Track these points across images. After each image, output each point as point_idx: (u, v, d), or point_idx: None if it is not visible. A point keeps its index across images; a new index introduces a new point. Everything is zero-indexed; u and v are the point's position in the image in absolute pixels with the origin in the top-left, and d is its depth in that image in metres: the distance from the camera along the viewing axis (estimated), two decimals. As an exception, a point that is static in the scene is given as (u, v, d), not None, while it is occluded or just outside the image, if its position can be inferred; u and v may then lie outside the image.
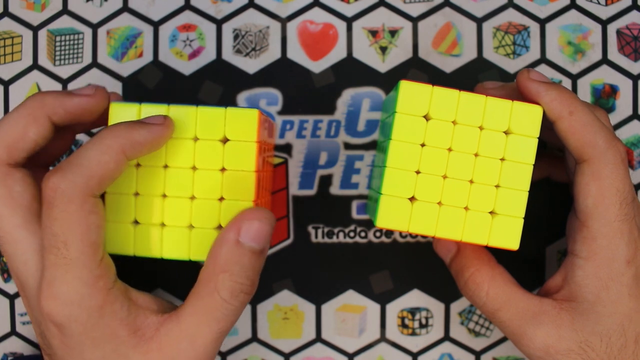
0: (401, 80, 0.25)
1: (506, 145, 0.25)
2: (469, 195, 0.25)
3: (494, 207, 0.25)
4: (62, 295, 0.23)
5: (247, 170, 0.26)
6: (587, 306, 0.26)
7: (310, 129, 0.34)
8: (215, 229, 0.26)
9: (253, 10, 0.34)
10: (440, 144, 0.25)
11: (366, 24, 0.34)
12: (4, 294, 0.34)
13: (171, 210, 0.26)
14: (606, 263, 0.26)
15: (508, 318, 0.27)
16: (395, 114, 0.25)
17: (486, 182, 0.25)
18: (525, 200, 0.25)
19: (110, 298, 0.24)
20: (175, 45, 0.34)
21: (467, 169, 0.25)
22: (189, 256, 0.26)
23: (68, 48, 0.34)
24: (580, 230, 0.26)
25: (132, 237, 0.26)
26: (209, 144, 0.26)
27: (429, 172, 0.25)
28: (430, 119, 0.25)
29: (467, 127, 0.25)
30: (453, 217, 0.25)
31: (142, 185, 0.26)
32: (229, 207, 0.26)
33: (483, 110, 0.25)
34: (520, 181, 0.25)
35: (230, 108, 0.26)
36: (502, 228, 0.25)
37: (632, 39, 0.34)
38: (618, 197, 0.26)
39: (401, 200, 0.25)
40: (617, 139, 0.26)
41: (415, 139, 0.25)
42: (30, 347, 0.34)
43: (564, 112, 0.26)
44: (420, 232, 0.25)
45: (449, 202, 0.25)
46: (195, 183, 0.26)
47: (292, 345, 0.34)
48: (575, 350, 0.26)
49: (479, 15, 0.34)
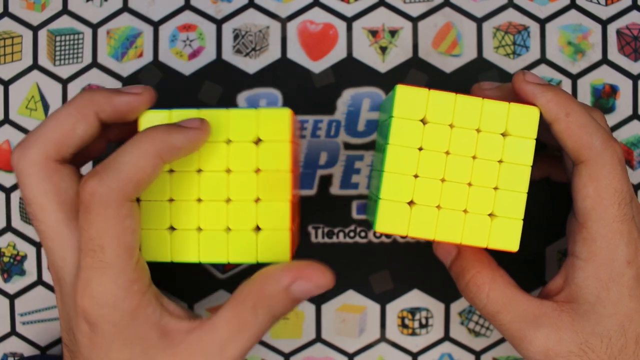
0: (397, 85, 0.25)
1: (504, 147, 0.25)
2: (467, 198, 0.25)
3: (493, 209, 0.25)
4: (97, 295, 0.23)
5: (282, 169, 0.26)
6: (587, 307, 0.26)
7: (310, 129, 0.34)
8: (253, 230, 0.26)
9: (253, 10, 0.34)
10: (438, 147, 0.25)
11: (366, 24, 0.34)
12: (4, 294, 0.34)
13: (207, 214, 0.26)
14: (606, 264, 0.26)
15: (508, 321, 0.27)
16: (392, 119, 0.25)
17: (484, 184, 0.25)
18: (524, 202, 0.25)
19: (143, 301, 0.24)
20: (175, 45, 0.34)
21: (465, 171, 0.25)
22: (228, 259, 0.26)
23: (68, 48, 0.34)
24: (579, 231, 0.26)
25: (169, 243, 0.26)
26: (243, 146, 0.26)
27: (427, 176, 0.25)
28: (427, 123, 0.25)
29: (464, 130, 0.25)
30: (452, 220, 0.25)
31: (176, 191, 0.26)
32: (266, 207, 0.26)
33: (480, 112, 0.25)
34: (518, 183, 0.25)
35: (262, 109, 0.26)
36: (501, 230, 0.25)
37: (632, 39, 0.34)
38: (616, 197, 0.26)
39: (400, 204, 0.25)
40: (613, 139, 0.26)
41: (413, 143, 0.25)
42: (30, 347, 0.34)
43: (561, 113, 0.26)
44: (420, 236, 0.25)
45: (447, 205, 0.25)
46: (230, 185, 0.26)
47: (292, 345, 0.34)
48: (576, 352, 0.26)
49: (479, 15, 0.34)
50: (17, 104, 0.34)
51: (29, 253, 0.34)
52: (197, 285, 0.34)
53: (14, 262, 0.34)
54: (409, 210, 0.25)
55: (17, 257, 0.34)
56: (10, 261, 0.34)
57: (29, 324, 0.34)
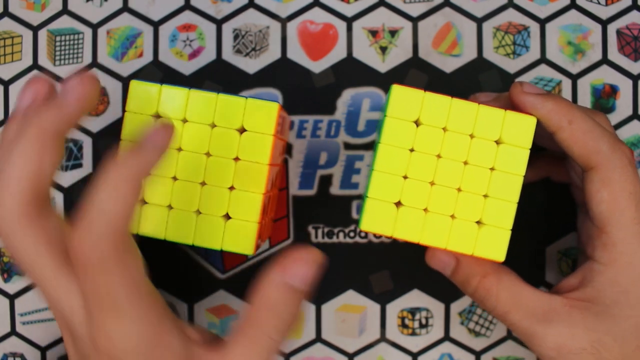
0: (393, 84, 0.25)
1: (497, 155, 0.25)
2: (456, 203, 0.25)
3: (482, 217, 0.25)
4: (118, 337, 0.22)
5: (260, 162, 0.26)
6: (602, 308, 0.26)
7: (310, 129, 0.34)
8: (222, 217, 0.26)
9: (253, 10, 0.34)
10: (430, 150, 0.25)
11: (366, 24, 0.34)
12: (4, 294, 0.34)
13: (180, 193, 0.26)
14: (627, 268, 0.25)
15: (518, 319, 0.26)
16: (386, 118, 0.25)
17: (474, 191, 0.25)
18: (514, 212, 0.25)
19: (164, 332, 0.23)
20: (175, 45, 0.34)
21: (456, 176, 0.25)
22: (193, 241, 0.27)
23: (68, 48, 0.34)
24: (598, 236, 0.26)
25: (138, 216, 0.27)
26: (226, 132, 0.26)
27: (416, 178, 0.25)
28: (421, 124, 0.25)
29: (457, 134, 0.25)
30: (439, 224, 0.25)
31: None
32: (238, 196, 0.26)
33: (475, 118, 0.25)
34: (509, 192, 0.25)
35: (251, 99, 0.26)
36: (488, 239, 0.25)
37: (632, 39, 0.34)
38: (632, 200, 0.25)
39: (387, 204, 0.25)
40: (620, 142, 0.26)
41: (404, 143, 0.25)
42: (30, 347, 0.34)
43: (563, 122, 0.25)
44: (405, 238, 0.25)
45: (435, 209, 0.25)
46: (208, 169, 0.26)
47: (292, 345, 0.34)
48: (588, 350, 0.25)
49: (479, 15, 0.34)
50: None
51: (29, 253, 0.34)
52: (197, 285, 0.34)
53: (14, 262, 0.34)
54: (396, 211, 0.25)
55: (17, 257, 0.34)
56: (10, 261, 0.34)
57: (29, 324, 0.34)
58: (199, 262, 0.34)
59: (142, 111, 0.27)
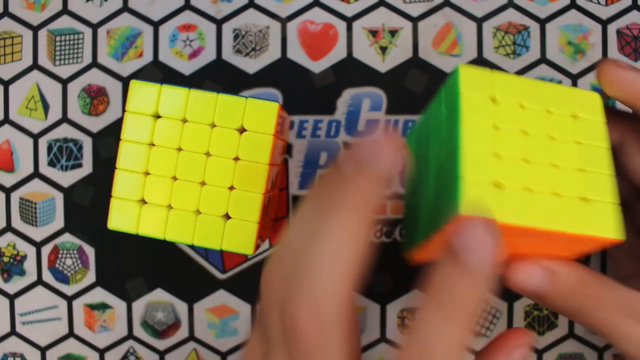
0: (459, 65, 0.23)
1: (577, 129, 0.23)
2: (555, 180, 0.22)
3: (585, 193, 0.22)
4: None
5: (260, 162, 0.26)
6: None
7: (310, 129, 0.34)
8: (222, 217, 0.26)
9: (253, 10, 0.34)
10: (514, 126, 0.22)
11: (366, 24, 0.34)
12: (4, 294, 0.34)
13: (180, 193, 0.27)
14: None
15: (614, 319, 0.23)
16: (460, 95, 0.22)
17: (570, 166, 0.22)
18: (614, 184, 0.22)
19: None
20: (175, 45, 0.34)
21: (548, 152, 0.22)
22: (193, 241, 0.27)
23: (68, 48, 0.34)
24: None
25: (138, 215, 0.27)
26: (226, 132, 0.26)
27: (509, 157, 0.22)
28: (497, 102, 0.23)
29: (536, 110, 0.23)
30: (543, 204, 0.22)
31: (153, 165, 0.27)
32: (238, 196, 0.26)
33: (546, 95, 0.23)
34: (602, 165, 0.23)
35: (251, 99, 0.26)
36: (599, 215, 0.22)
37: (632, 39, 0.34)
38: None
39: (487, 185, 0.21)
40: None
41: (486, 120, 0.22)
42: (30, 347, 0.34)
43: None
44: (511, 221, 0.21)
45: (537, 187, 0.22)
46: (207, 169, 0.26)
47: (292, 345, 0.34)
48: None
49: (479, 15, 0.34)
50: (17, 104, 0.34)
51: (29, 253, 0.34)
52: (197, 285, 0.34)
53: (14, 262, 0.34)
54: (498, 193, 0.21)
55: (17, 257, 0.34)
56: (10, 261, 0.34)
57: (29, 324, 0.34)
58: (199, 262, 0.34)
59: (142, 111, 0.27)
